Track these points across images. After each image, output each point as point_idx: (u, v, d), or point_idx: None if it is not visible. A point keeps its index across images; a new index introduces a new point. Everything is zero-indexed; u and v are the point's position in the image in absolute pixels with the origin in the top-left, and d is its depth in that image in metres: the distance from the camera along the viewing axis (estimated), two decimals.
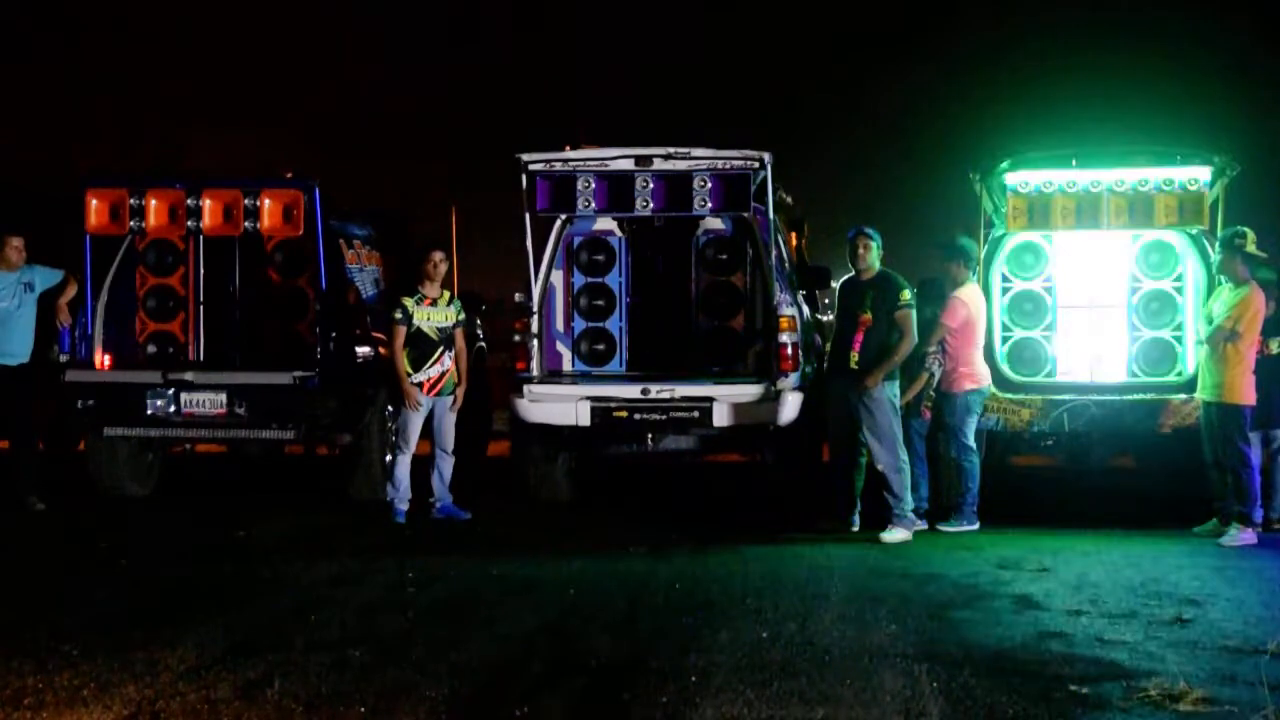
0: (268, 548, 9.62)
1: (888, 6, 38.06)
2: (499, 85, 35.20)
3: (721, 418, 10.71)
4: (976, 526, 10.24)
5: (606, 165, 10.77)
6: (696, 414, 10.75)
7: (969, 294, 10.32)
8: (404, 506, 10.67)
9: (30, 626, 7.14)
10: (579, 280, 11.90)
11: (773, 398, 10.69)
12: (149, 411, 11.33)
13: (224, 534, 10.10)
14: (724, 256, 11.84)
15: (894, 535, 9.85)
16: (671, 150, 10.66)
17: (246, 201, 11.12)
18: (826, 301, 15.63)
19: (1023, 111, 28.10)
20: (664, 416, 10.81)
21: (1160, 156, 10.56)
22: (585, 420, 10.81)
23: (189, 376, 11.36)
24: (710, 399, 10.76)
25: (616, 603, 7.89)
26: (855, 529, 10.17)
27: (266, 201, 11.15)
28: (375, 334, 11.74)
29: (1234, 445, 9.81)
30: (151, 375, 11.43)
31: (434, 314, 10.68)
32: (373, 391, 11.48)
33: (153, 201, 11.23)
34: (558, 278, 11.75)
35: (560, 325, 11.84)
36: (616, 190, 10.80)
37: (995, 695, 5.92)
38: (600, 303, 11.89)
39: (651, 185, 10.74)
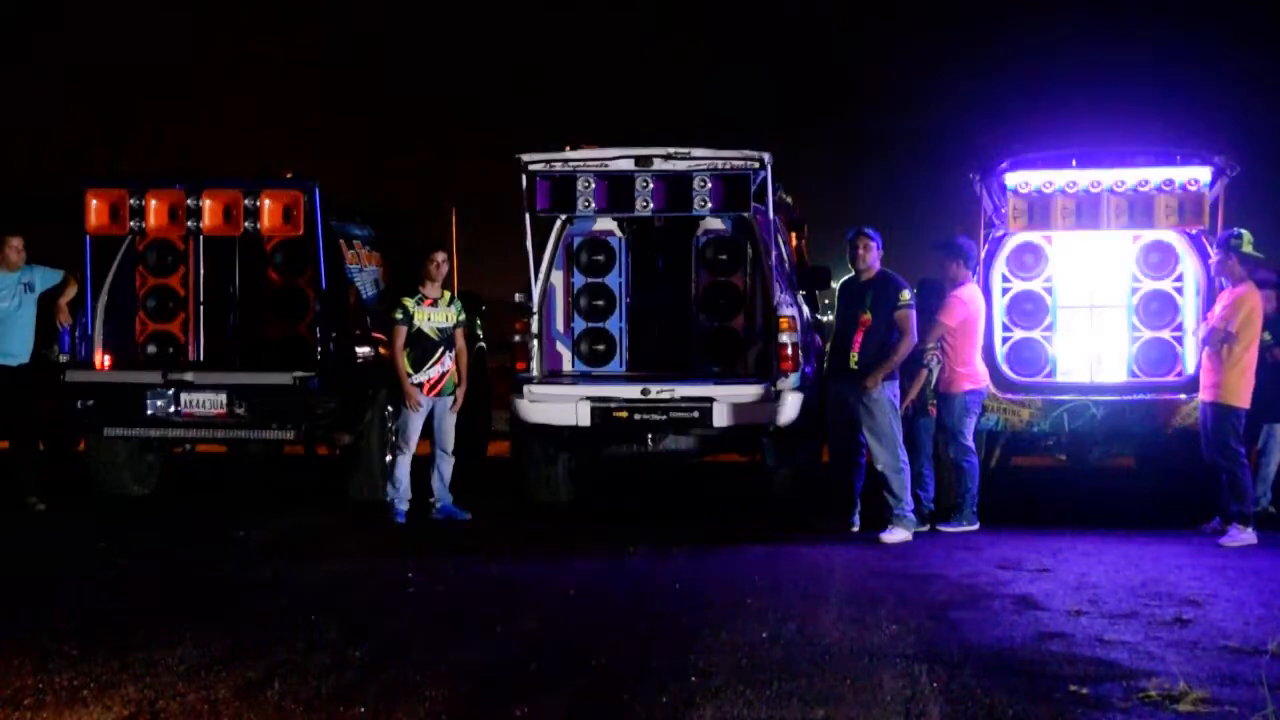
0: (268, 548, 9.62)
1: (887, 5, 38.11)
2: (498, 85, 35.22)
3: (721, 418, 10.70)
4: (976, 526, 10.24)
5: (606, 165, 10.76)
6: (696, 414, 10.75)
7: (968, 294, 10.32)
8: (404, 506, 10.68)
9: (30, 626, 7.14)
10: (579, 280, 11.89)
11: (773, 398, 10.68)
12: (149, 411, 11.33)
13: (224, 534, 10.10)
14: (724, 256, 11.83)
15: (894, 535, 9.85)
16: (671, 150, 10.65)
17: (246, 202, 11.11)
18: (826, 301, 15.65)
19: (1023, 111, 28.12)
20: (664, 417, 10.80)
21: (1160, 157, 10.56)
22: (585, 420, 10.80)
23: (189, 377, 11.36)
24: (710, 399, 10.75)
25: (616, 603, 7.89)
26: (855, 529, 10.17)
27: (266, 202, 11.14)
28: (375, 334, 11.74)
29: (1228, 446, 9.81)
30: (151, 375, 11.43)
31: (434, 314, 10.68)
32: (373, 391, 11.49)
33: (153, 202, 11.22)
34: (558, 278, 11.75)
35: (560, 325, 11.84)
36: (616, 190, 10.79)
37: (995, 695, 5.92)
38: (600, 303, 11.88)
39: (651, 185, 10.73)
